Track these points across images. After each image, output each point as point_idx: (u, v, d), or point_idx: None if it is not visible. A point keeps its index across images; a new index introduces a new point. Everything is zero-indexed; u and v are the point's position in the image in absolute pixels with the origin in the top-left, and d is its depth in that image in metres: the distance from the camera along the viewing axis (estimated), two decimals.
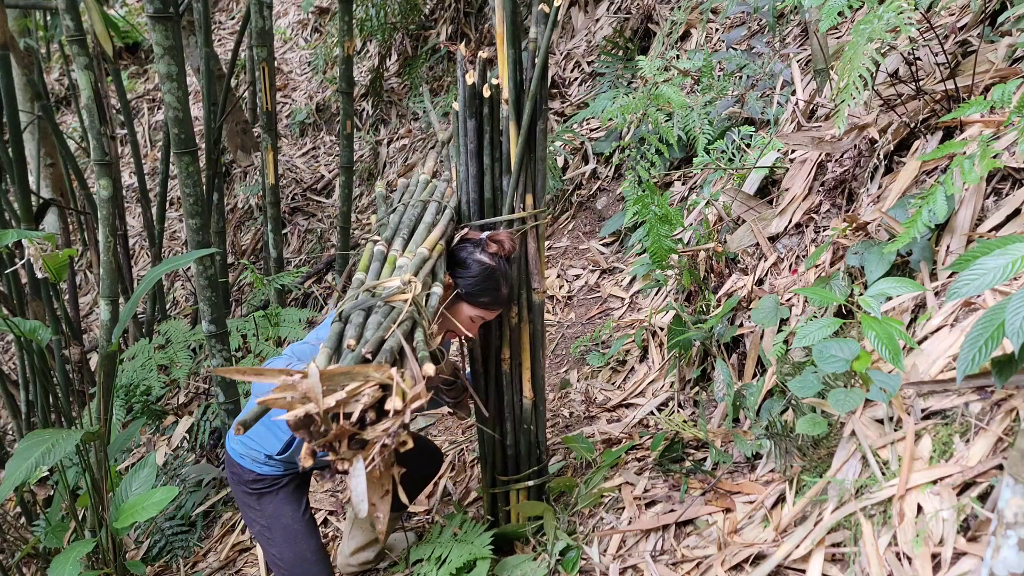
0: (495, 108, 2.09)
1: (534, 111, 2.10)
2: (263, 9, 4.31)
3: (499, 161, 2.13)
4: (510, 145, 2.12)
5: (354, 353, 1.45)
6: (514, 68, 2.10)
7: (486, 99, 2.06)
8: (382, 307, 1.64)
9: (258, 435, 2.09)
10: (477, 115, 2.09)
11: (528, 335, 2.25)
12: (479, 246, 2.02)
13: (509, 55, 2.10)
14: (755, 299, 2.54)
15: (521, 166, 2.12)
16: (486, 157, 2.11)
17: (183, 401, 4.33)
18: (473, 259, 1.99)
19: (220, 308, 3.26)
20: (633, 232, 3.80)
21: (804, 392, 1.89)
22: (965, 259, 1.52)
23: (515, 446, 2.33)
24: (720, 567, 1.93)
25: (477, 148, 2.11)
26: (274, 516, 2.16)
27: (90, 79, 3.34)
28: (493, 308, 2.03)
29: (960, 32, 2.51)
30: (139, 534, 3.46)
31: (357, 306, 1.64)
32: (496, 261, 2.00)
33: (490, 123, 2.10)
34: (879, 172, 2.39)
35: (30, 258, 2.38)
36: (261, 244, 5.82)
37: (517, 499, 2.38)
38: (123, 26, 8.13)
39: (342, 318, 1.63)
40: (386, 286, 1.73)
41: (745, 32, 3.90)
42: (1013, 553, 1.30)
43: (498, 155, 2.13)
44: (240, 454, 2.14)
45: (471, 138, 2.11)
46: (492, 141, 2.11)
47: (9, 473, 2.12)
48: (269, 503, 2.15)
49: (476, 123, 2.09)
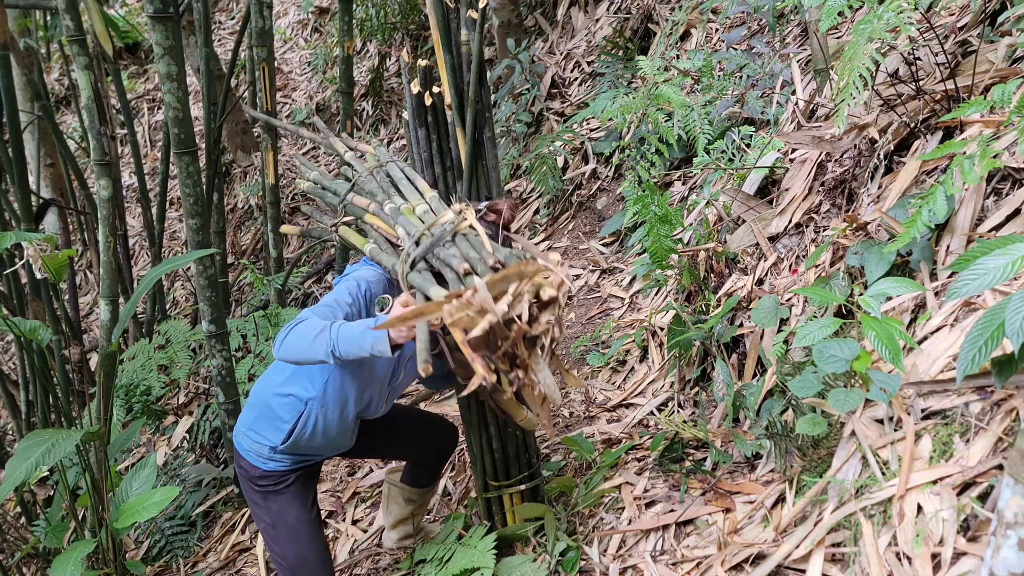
0: (440, 116, 2.11)
1: (476, 116, 2.10)
2: (263, 9, 4.30)
3: (451, 169, 2.15)
4: (459, 152, 2.13)
5: (482, 267, 1.47)
6: (453, 74, 2.11)
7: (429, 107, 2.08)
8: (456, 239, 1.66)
9: (261, 429, 2.08)
10: (424, 123, 2.10)
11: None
12: (478, 216, 1.97)
13: (447, 61, 2.11)
14: (755, 299, 2.54)
15: (472, 172, 2.13)
16: (437, 166, 2.13)
17: (183, 401, 4.33)
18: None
19: (220, 308, 3.26)
20: (633, 232, 3.80)
21: (804, 392, 1.89)
22: (965, 259, 1.52)
23: (502, 450, 2.29)
24: (720, 567, 1.93)
25: (429, 157, 2.13)
26: (279, 515, 2.15)
27: (90, 79, 3.34)
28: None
29: (960, 32, 2.51)
30: (139, 534, 3.46)
31: (429, 247, 1.66)
32: (493, 230, 1.95)
33: (436, 131, 2.12)
34: (879, 172, 2.39)
35: (30, 259, 2.38)
36: (261, 244, 5.82)
37: (511, 503, 2.35)
38: (123, 26, 8.12)
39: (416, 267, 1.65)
40: (441, 223, 1.73)
41: (745, 32, 3.90)
42: (1013, 553, 1.30)
43: (449, 163, 2.15)
44: (246, 449, 2.13)
45: (423, 147, 2.13)
46: (441, 149, 2.13)
47: (9, 473, 2.12)
48: (275, 502, 2.15)
49: (425, 132, 2.11)
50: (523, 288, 1.41)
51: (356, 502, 3.16)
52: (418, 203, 1.89)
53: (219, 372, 3.29)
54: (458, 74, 2.12)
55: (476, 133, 2.13)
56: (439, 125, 2.12)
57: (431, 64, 2.10)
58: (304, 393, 2.02)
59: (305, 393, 2.02)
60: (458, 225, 1.70)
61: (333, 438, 2.09)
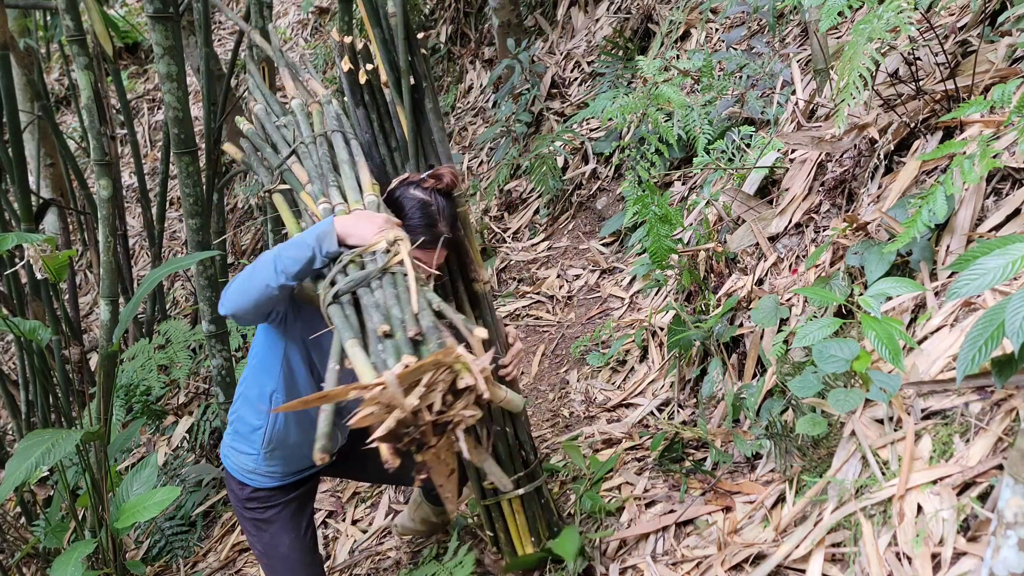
0: (377, 94, 2.01)
1: (413, 90, 1.98)
2: (263, 9, 4.30)
3: (397, 150, 2.05)
4: (403, 130, 2.03)
5: (398, 339, 1.38)
6: (385, 48, 2.00)
7: (364, 85, 1.98)
8: (384, 278, 1.54)
9: (240, 441, 2.03)
10: (362, 103, 2.01)
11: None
12: (415, 184, 1.89)
13: (377, 36, 2.01)
14: (755, 299, 2.54)
15: (417, 148, 2.02)
16: (382, 147, 2.03)
17: (183, 401, 4.33)
18: (407, 196, 1.85)
19: None
20: (633, 232, 3.80)
21: (804, 392, 1.89)
22: (965, 259, 1.52)
23: (492, 451, 2.12)
24: (720, 567, 1.93)
25: (372, 138, 2.03)
26: (271, 545, 2.09)
27: (90, 79, 3.34)
28: (428, 247, 1.83)
29: (960, 32, 2.51)
30: (139, 534, 3.46)
31: (355, 284, 1.54)
32: (432, 196, 1.86)
33: (375, 110, 2.02)
34: (879, 172, 2.39)
35: (30, 259, 2.38)
36: (261, 244, 5.82)
37: (511, 509, 2.20)
38: (123, 26, 8.12)
39: (339, 299, 1.53)
40: (371, 252, 1.61)
41: (745, 32, 3.90)
42: (1013, 553, 1.30)
43: (394, 144, 2.04)
44: (233, 466, 2.07)
45: (364, 128, 2.03)
46: (384, 129, 2.03)
47: (9, 473, 2.12)
48: (266, 531, 2.09)
49: (364, 111, 2.02)
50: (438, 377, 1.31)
51: (356, 502, 3.16)
52: (355, 204, 1.77)
53: (219, 372, 3.30)
54: (391, 49, 2.01)
55: (415, 107, 2.01)
56: (378, 104, 2.02)
57: (354, 40, 2.00)
58: (266, 390, 1.94)
59: (267, 389, 1.94)
60: (389, 260, 1.57)
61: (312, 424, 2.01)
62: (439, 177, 1.88)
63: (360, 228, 1.64)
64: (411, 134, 2.01)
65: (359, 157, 1.91)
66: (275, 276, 1.63)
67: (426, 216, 1.83)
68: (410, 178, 1.92)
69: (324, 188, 1.82)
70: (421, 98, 2.01)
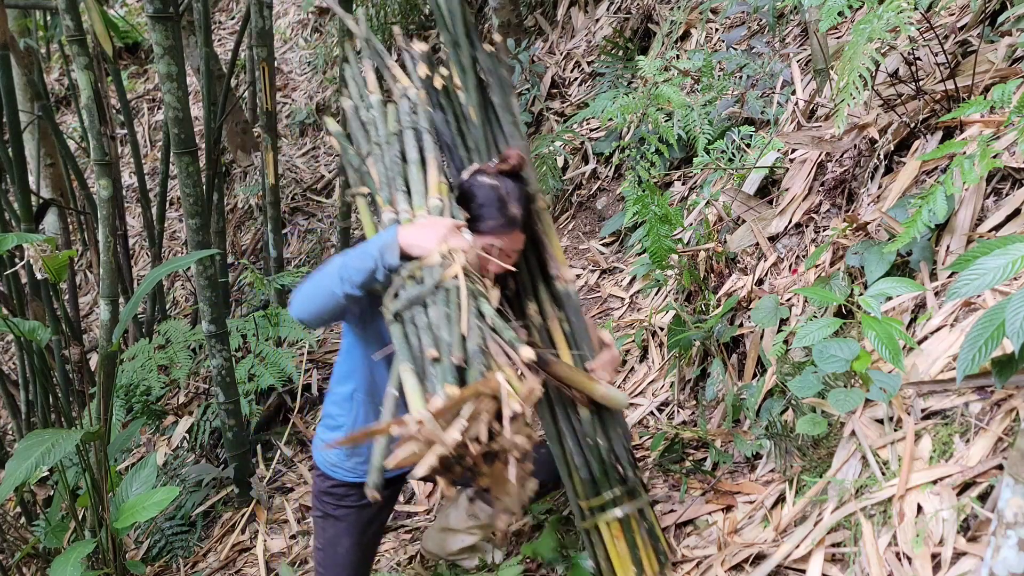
0: (453, 96, 2.00)
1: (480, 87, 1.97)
2: (263, 9, 4.30)
3: (474, 150, 2.00)
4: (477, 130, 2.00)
5: (443, 366, 1.33)
6: (454, 50, 1.99)
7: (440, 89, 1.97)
8: (437, 295, 1.49)
9: (326, 435, 2.05)
10: (441, 106, 2.00)
11: (563, 333, 1.96)
12: (482, 172, 1.88)
13: (445, 39, 2.01)
14: (755, 299, 2.54)
15: (488, 146, 1.98)
16: (460, 150, 2.00)
17: (183, 401, 4.33)
18: (475, 183, 1.83)
19: (220, 308, 3.26)
20: (633, 232, 3.80)
21: (804, 392, 1.89)
22: (965, 259, 1.52)
23: (586, 467, 1.93)
24: (720, 567, 1.93)
25: (452, 142, 2.00)
26: (331, 542, 2.09)
27: (90, 79, 3.34)
28: (503, 231, 1.80)
29: (960, 32, 2.51)
30: (139, 534, 3.46)
31: (411, 302, 1.50)
32: (500, 180, 1.83)
33: (452, 113, 2.00)
34: (879, 172, 2.39)
35: (30, 259, 2.38)
36: (261, 244, 5.82)
37: (611, 534, 1.93)
38: (123, 26, 8.12)
39: (398, 318, 1.50)
40: (428, 266, 1.55)
41: (745, 32, 3.90)
42: (1013, 553, 1.30)
43: (472, 144, 2.00)
44: (321, 460, 2.08)
45: (444, 132, 2.01)
46: (460, 131, 2.00)
47: (9, 473, 2.12)
48: (331, 527, 2.09)
49: (441, 114, 2.00)
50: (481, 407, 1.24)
51: None
52: (419, 209, 1.73)
53: (219, 372, 3.29)
54: (458, 49, 1.99)
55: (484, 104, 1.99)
56: (453, 106, 1.99)
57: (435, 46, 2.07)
58: (347, 389, 1.97)
59: (348, 388, 1.97)
60: (443, 275, 1.51)
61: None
62: (505, 159, 1.87)
63: (422, 238, 1.60)
64: (482, 131, 1.97)
65: (429, 153, 1.85)
66: (339, 284, 1.62)
67: (497, 199, 1.79)
68: (478, 168, 1.91)
69: (391, 194, 1.78)
70: (487, 90, 1.98)
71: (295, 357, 4.14)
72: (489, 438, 1.26)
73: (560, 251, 2.00)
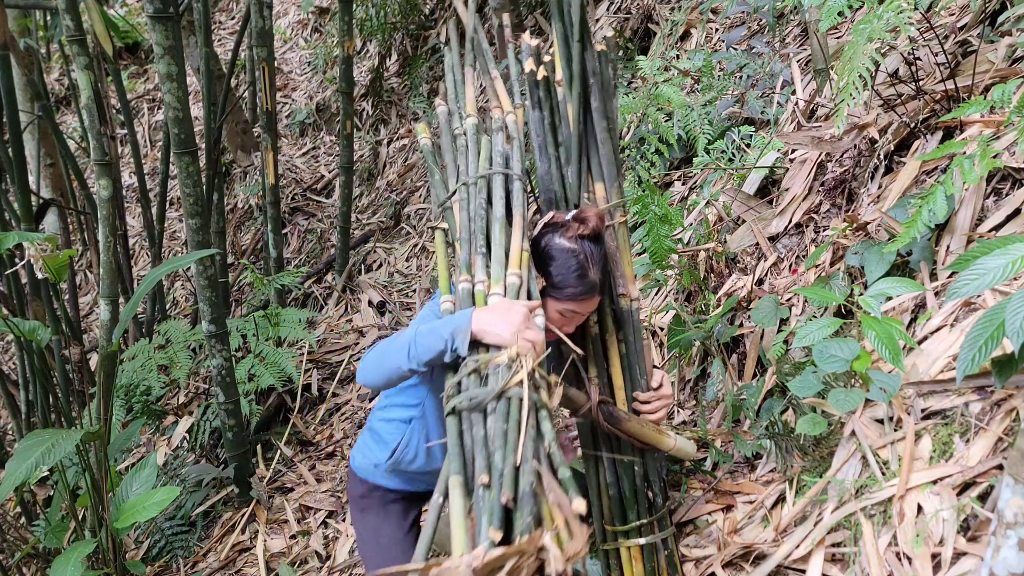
0: (553, 92, 1.89)
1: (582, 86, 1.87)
2: (263, 9, 4.31)
3: (562, 147, 1.92)
4: (570, 131, 1.90)
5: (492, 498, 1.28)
6: (565, 44, 1.89)
7: (541, 83, 1.85)
8: (498, 404, 1.41)
9: (370, 447, 2.03)
10: (539, 105, 1.88)
11: (618, 351, 1.91)
12: (560, 229, 1.76)
13: (557, 31, 1.90)
14: (755, 299, 2.54)
15: (581, 149, 1.87)
16: (550, 147, 1.89)
17: (183, 401, 4.33)
18: (554, 246, 1.74)
19: (220, 308, 3.26)
20: (633, 232, 3.80)
21: (804, 392, 1.89)
22: (965, 259, 1.52)
23: (616, 486, 1.92)
24: (720, 567, 1.93)
25: (544, 141, 1.89)
26: (374, 529, 2.05)
27: (90, 79, 3.34)
28: (583, 298, 1.74)
29: (960, 32, 2.51)
30: (139, 534, 3.46)
31: (471, 404, 1.43)
32: (579, 244, 1.74)
33: (548, 109, 1.88)
34: (879, 172, 2.39)
35: (30, 259, 2.38)
36: (261, 244, 5.82)
37: (631, 561, 1.94)
38: (123, 26, 8.12)
39: (457, 412, 1.44)
40: (495, 364, 1.48)
41: (745, 32, 3.90)
42: (1013, 553, 1.30)
43: (560, 140, 1.91)
44: (358, 466, 2.06)
45: (537, 131, 1.89)
46: (554, 126, 1.89)
47: (9, 473, 2.12)
48: (371, 515, 2.06)
49: (539, 114, 1.88)
50: (523, 563, 1.18)
51: None
52: (496, 283, 1.63)
53: (219, 372, 3.30)
54: (569, 44, 1.86)
55: (583, 105, 1.86)
56: (552, 102, 1.88)
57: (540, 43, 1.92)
58: (405, 414, 1.93)
59: (406, 413, 1.93)
60: (508, 381, 1.43)
61: (435, 459, 1.96)
62: (584, 221, 1.75)
63: (497, 326, 1.52)
64: (575, 132, 1.88)
65: (516, 210, 1.73)
66: (407, 360, 1.60)
67: (578, 267, 1.72)
68: (555, 220, 1.79)
69: (470, 256, 1.69)
70: (588, 95, 1.88)
71: (295, 357, 4.14)
72: None
73: (631, 267, 1.93)
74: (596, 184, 1.89)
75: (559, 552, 1.18)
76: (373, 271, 5.25)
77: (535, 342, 1.51)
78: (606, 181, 1.89)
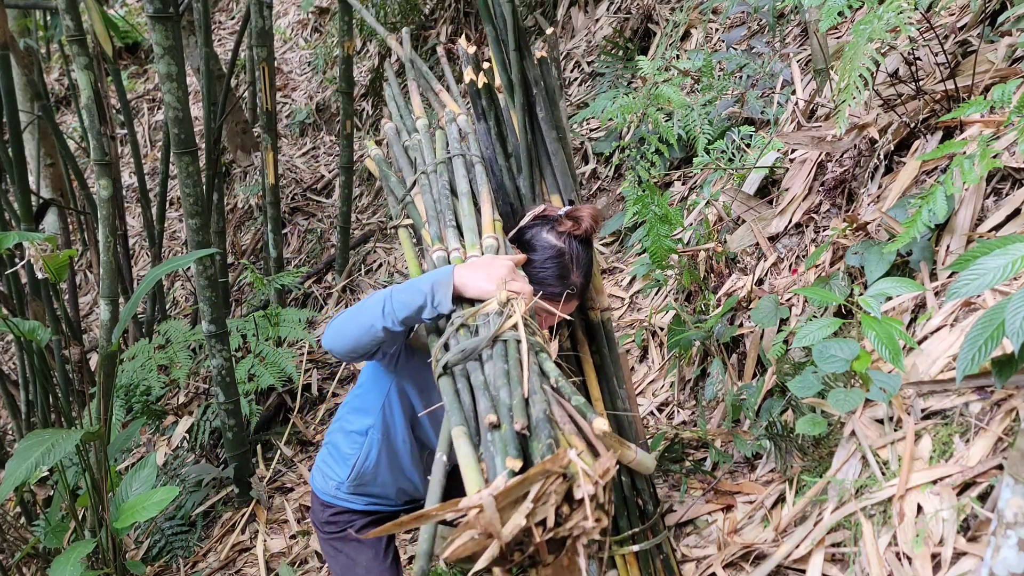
0: (495, 101, 1.81)
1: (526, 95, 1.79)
2: (263, 9, 4.30)
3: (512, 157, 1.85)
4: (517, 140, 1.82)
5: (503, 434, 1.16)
6: (498, 48, 1.82)
7: (483, 92, 1.78)
8: (494, 348, 1.31)
9: (330, 465, 1.94)
10: (483, 115, 1.81)
11: (592, 366, 1.85)
12: (550, 223, 1.68)
13: (490, 34, 1.83)
14: (755, 299, 2.54)
15: (531, 160, 1.80)
16: (500, 157, 1.82)
17: (183, 401, 4.33)
18: (540, 239, 1.65)
19: (220, 308, 3.26)
20: (633, 232, 3.80)
21: (804, 392, 1.89)
22: (965, 259, 1.52)
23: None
24: (720, 567, 1.93)
25: (493, 153, 1.82)
26: (348, 566, 1.96)
27: (90, 79, 3.34)
28: (558, 299, 1.64)
29: (960, 32, 2.51)
30: (139, 534, 3.46)
31: (464, 355, 1.32)
32: (567, 243, 1.65)
33: (494, 119, 1.81)
34: (879, 172, 2.39)
35: (30, 259, 2.38)
36: (261, 244, 5.82)
37: (627, 570, 1.90)
38: (123, 26, 8.12)
39: (448, 371, 1.34)
40: (483, 314, 1.38)
41: (745, 32, 3.90)
42: (1013, 553, 1.30)
43: (510, 150, 1.85)
44: (319, 488, 1.96)
45: (485, 143, 1.82)
46: (502, 136, 1.82)
47: (9, 473, 2.12)
48: (342, 548, 1.96)
49: (484, 125, 1.82)
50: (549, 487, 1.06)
51: None
52: (472, 247, 1.54)
53: (219, 372, 3.30)
54: (503, 48, 1.77)
55: (528, 114, 1.78)
56: (496, 112, 1.80)
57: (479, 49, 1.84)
58: (363, 423, 1.83)
59: (365, 423, 1.82)
60: (501, 326, 1.33)
61: (401, 470, 1.87)
62: (578, 221, 1.66)
63: (480, 280, 1.42)
64: (523, 143, 1.81)
65: (482, 185, 1.67)
66: (381, 317, 1.47)
67: (559, 267, 1.63)
68: (546, 212, 1.71)
69: (440, 229, 1.60)
70: (533, 104, 1.81)
71: (295, 357, 4.14)
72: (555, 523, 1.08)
73: (599, 278, 1.88)
74: (552, 196, 1.83)
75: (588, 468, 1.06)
76: (373, 271, 5.25)
77: (523, 292, 1.41)
78: (562, 192, 1.82)
